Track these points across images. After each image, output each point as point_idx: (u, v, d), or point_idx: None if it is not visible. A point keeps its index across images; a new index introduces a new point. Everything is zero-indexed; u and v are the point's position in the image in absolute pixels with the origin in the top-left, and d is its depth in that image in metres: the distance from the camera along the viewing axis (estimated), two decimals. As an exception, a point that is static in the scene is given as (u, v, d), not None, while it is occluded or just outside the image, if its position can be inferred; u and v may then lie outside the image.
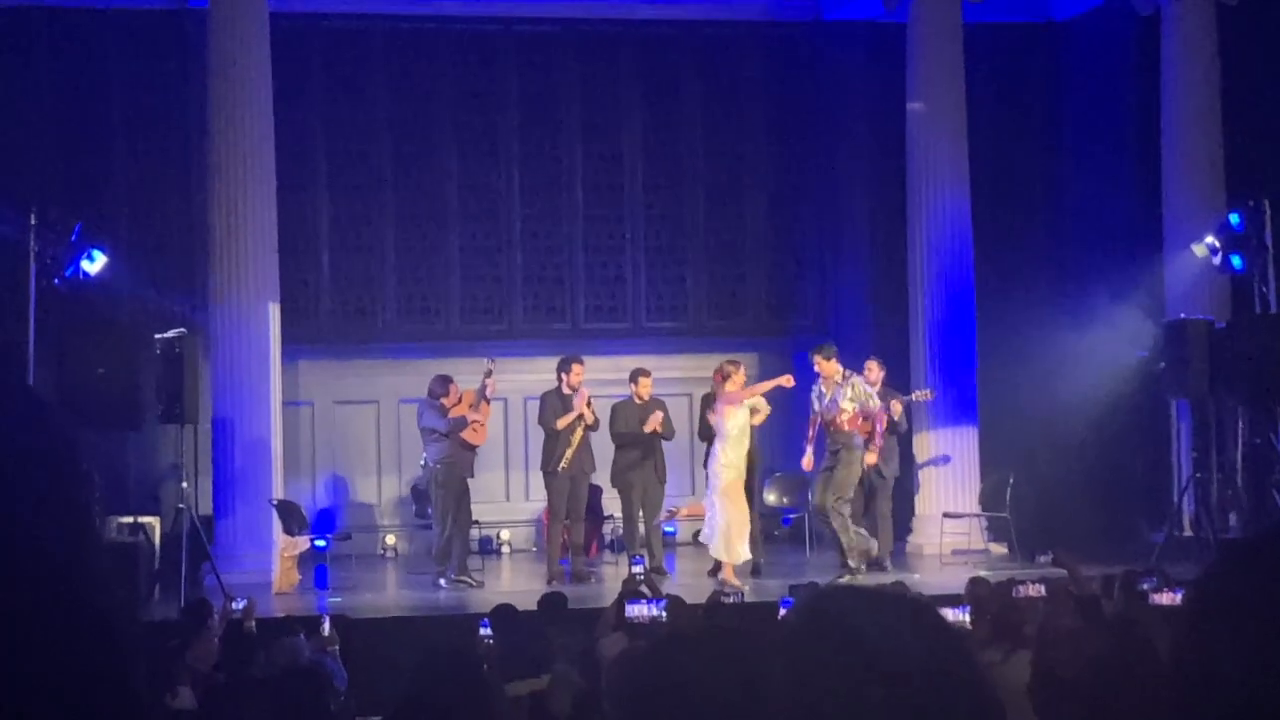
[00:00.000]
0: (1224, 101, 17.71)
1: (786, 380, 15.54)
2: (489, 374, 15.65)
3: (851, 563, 15.15)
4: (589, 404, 15.81)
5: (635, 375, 16.21)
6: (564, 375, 15.95)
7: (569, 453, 15.72)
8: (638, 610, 9.51)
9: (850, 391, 15.48)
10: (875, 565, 15.75)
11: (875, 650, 1.85)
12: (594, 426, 15.91)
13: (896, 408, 16.25)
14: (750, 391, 15.30)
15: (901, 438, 16.80)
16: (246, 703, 7.87)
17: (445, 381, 15.74)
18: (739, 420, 15.05)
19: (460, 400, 15.64)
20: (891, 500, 16.58)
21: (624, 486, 15.97)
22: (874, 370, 16.53)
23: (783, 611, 9.67)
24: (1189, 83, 17.72)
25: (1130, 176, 18.79)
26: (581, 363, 16.11)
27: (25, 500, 1.49)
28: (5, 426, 1.54)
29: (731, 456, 14.98)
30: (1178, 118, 17.75)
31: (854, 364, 16.83)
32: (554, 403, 15.92)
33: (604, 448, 16.23)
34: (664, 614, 9.41)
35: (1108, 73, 19.20)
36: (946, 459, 17.60)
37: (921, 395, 16.75)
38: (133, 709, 1.55)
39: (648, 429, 15.78)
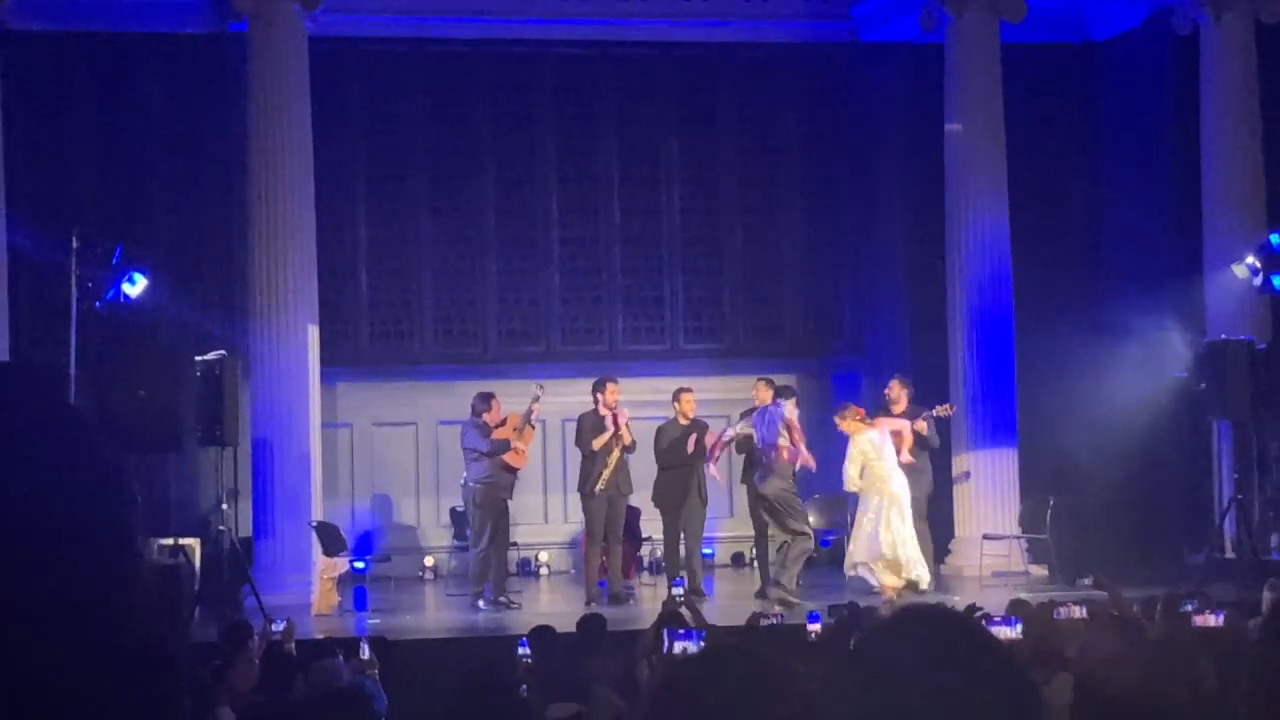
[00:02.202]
0: (1264, 120, 17.65)
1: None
2: (536, 399, 15.66)
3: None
4: (626, 425, 15.81)
5: (678, 394, 16.19)
6: (599, 396, 15.96)
7: (606, 474, 15.72)
8: (678, 646, 9.46)
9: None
10: (912, 587, 15.68)
11: (931, 672, 1.88)
12: (631, 448, 15.90)
13: (922, 426, 16.17)
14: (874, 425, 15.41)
15: (934, 454, 16.66)
16: (287, 724, 7.88)
17: (487, 398, 15.73)
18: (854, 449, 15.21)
19: (505, 421, 15.63)
20: (927, 520, 16.46)
21: (666, 508, 15.93)
22: (895, 389, 16.47)
23: (811, 626, 9.61)
24: (1228, 102, 17.66)
25: (1170, 196, 18.71)
26: (616, 382, 16.11)
27: (73, 524, 1.50)
28: (54, 451, 1.55)
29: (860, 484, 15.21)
30: (1217, 137, 17.69)
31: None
32: (590, 424, 15.92)
33: (645, 469, 16.21)
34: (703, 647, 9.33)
35: (1146, 93, 19.14)
36: (981, 478, 17.54)
37: (943, 410, 16.55)
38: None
39: (691, 450, 15.76)
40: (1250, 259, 16.71)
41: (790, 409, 15.59)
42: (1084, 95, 20.10)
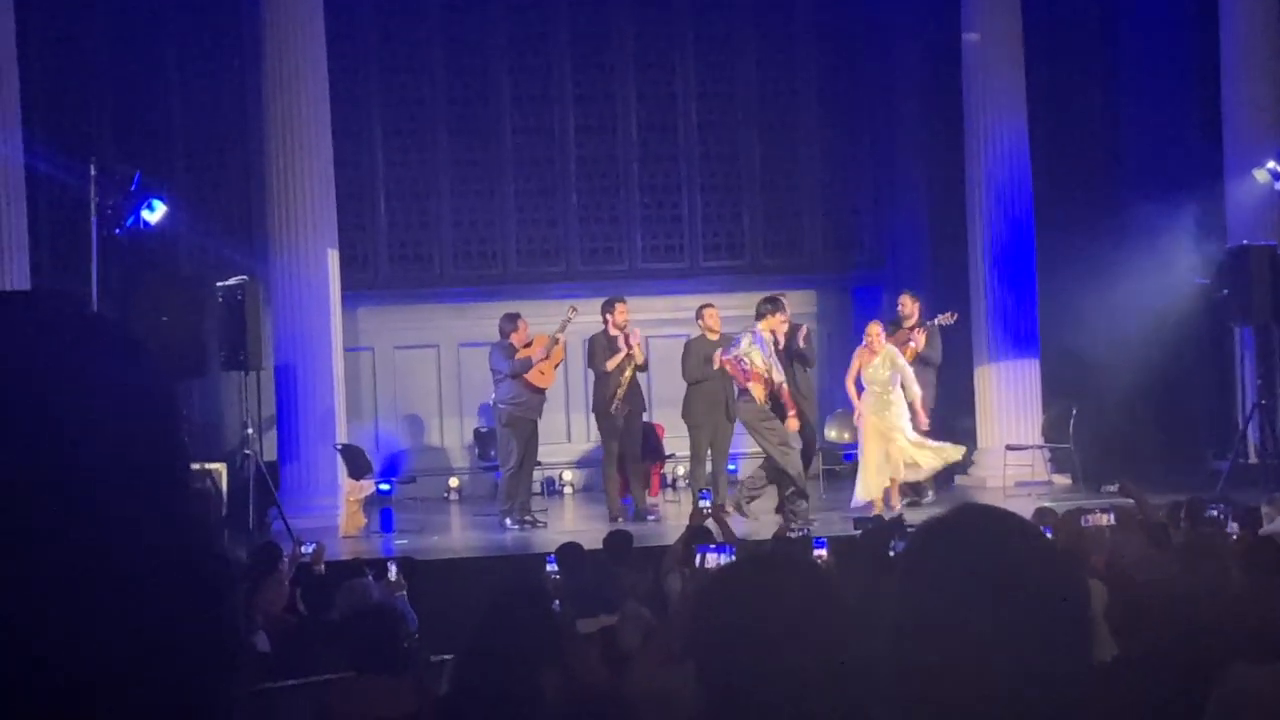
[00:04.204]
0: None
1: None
2: (568, 320, 15.63)
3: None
4: (638, 344, 15.78)
5: (701, 310, 16.05)
6: (608, 316, 15.91)
7: (620, 393, 15.71)
8: (710, 557, 9.49)
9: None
10: (915, 496, 15.70)
11: (990, 568, 1.90)
12: (643, 367, 15.89)
13: (920, 337, 16.06)
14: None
15: (941, 369, 16.53)
16: (321, 643, 7.94)
17: (513, 319, 15.72)
18: (870, 373, 15.20)
19: (532, 343, 15.61)
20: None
21: (694, 424, 15.85)
22: (908, 303, 16.36)
23: (818, 551, 9.60)
24: (1248, 4, 17.49)
25: (1190, 102, 18.60)
26: (625, 302, 16.04)
27: (133, 440, 1.50)
28: (106, 364, 1.54)
29: (862, 406, 15.30)
30: (1237, 41, 17.53)
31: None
32: (601, 344, 15.90)
33: (674, 387, 16.14)
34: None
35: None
36: (1003, 389, 17.49)
37: (944, 319, 16.42)
38: (232, 649, 1.57)
39: (717, 365, 15.62)
40: (1271, 164, 16.63)
41: (767, 329, 15.28)
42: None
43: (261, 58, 16.57)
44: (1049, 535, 8.47)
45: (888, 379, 15.21)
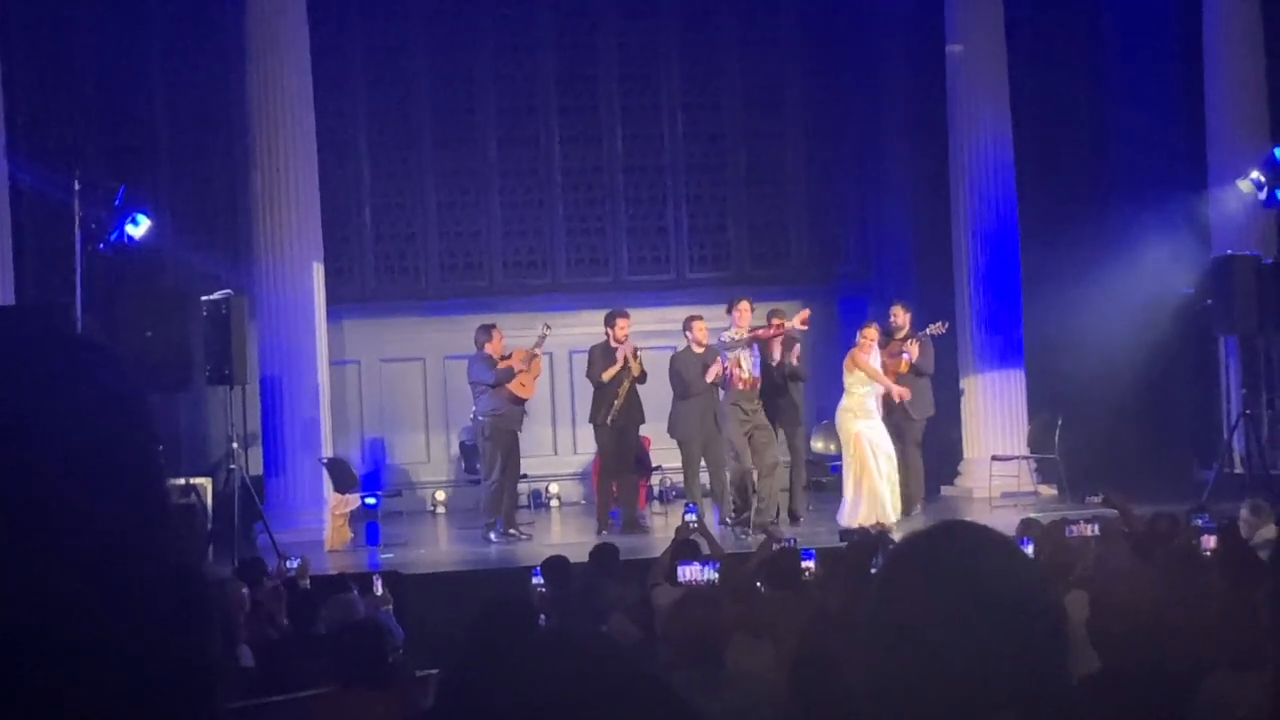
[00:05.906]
0: (1267, 31, 17.53)
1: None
2: (543, 337, 15.66)
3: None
4: (635, 355, 15.77)
5: (689, 322, 16.01)
6: (610, 329, 15.92)
7: (617, 404, 15.70)
8: (690, 572, 9.48)
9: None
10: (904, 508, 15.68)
11: (967, 583, 1.90)
12: (641, 379, 15.86)
13: (913, 349, 16.02)
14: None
15: (933, 377, 16.50)
16: (307, 658, 7.93)
17: (488, 330, 15.74)
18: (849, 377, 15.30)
19: (511, 355, 15.62)
20: (920, 445, 16.33)
21: (684, 438, 15.77)
22: (900, 314, 16.34)
23: (805, 563, 9.59)
24: (1231, 12, 17.53)
25: (1175, 111, 18.63)
26: (627, 316, 16.05)
27: (109, 456, 1.50)
28: (85, 380, 1.54)
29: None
30: (1220, 51, 17.58)
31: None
32: (601, 355, 15.90)
33: (661, 399, 16.12)
34: (717, 576, 9.35)
35: (1150, 3, 19.03)
36: (989, 400, 17.50)
37: (936, 329, 16.35)
38: (211, 667, 1.57)
39: (710, 378, 15.55)
40: (1255, 174, 16.68)
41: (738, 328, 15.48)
42: (1087, 6, 19.91)
43: (246, 70, 16.56)
44: (1029, 550, 8.49)
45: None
